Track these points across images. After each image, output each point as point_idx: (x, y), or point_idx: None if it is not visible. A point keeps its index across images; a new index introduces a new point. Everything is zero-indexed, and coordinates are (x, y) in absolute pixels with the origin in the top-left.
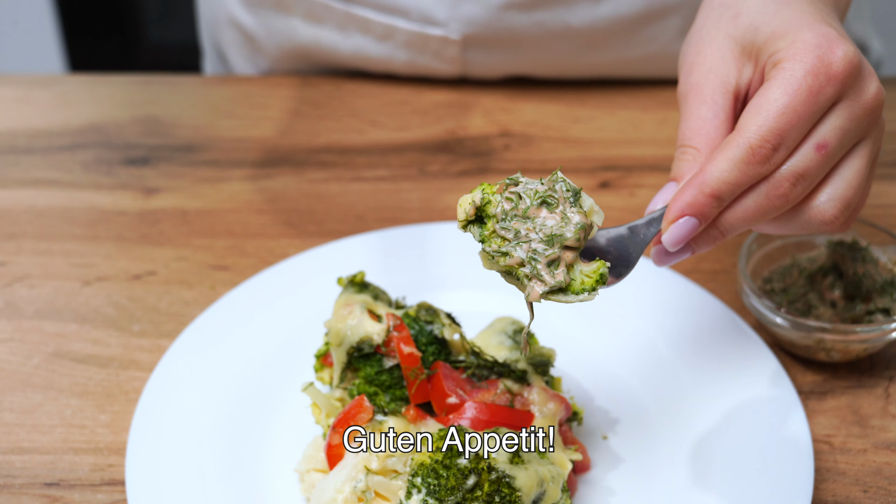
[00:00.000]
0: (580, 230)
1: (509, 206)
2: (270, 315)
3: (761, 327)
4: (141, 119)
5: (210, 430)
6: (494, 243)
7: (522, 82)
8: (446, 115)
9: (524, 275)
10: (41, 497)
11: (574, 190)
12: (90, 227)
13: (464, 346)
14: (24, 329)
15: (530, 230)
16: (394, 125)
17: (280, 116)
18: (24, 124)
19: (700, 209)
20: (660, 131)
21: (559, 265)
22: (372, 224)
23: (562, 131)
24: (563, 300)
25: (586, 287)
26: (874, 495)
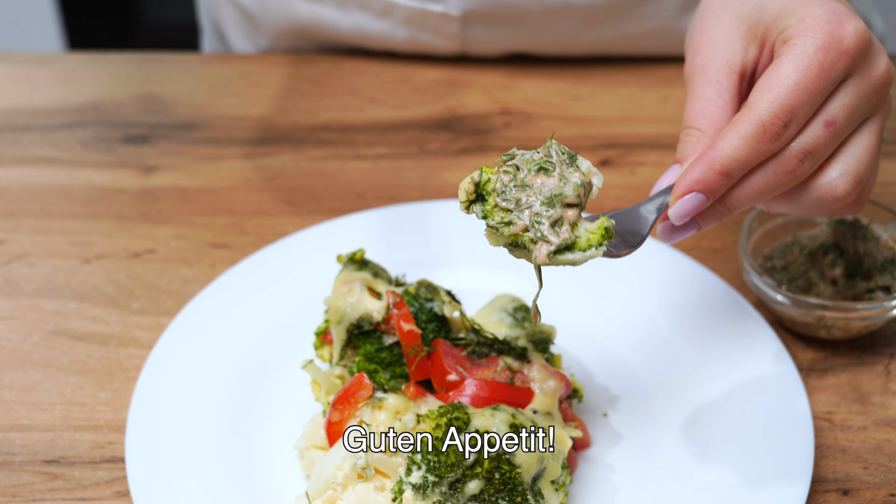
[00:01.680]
0: (579, 187)
1: (508, 178)
2: (270, 293)
3: (762, 305)
4: (140, 97)
5: (210, 408)
6: (498, 216)
7: (522, 60)
8: (446, 92)
9: (529, 240)
10: (41, 474)
11: (570, 153)
12: (89, 205)
13: (464, 323)
14: (24, 307)
15: (531, 196)
16: (393, 103)
17: (279, 94)
18: (24, 102)
19: (709, 185)
20: (661, 109)
21: (563, 224)
22: (372, 202)
23: (562, 109)
24: (570, 260)
25: (592, 243)
26: (874, 472)
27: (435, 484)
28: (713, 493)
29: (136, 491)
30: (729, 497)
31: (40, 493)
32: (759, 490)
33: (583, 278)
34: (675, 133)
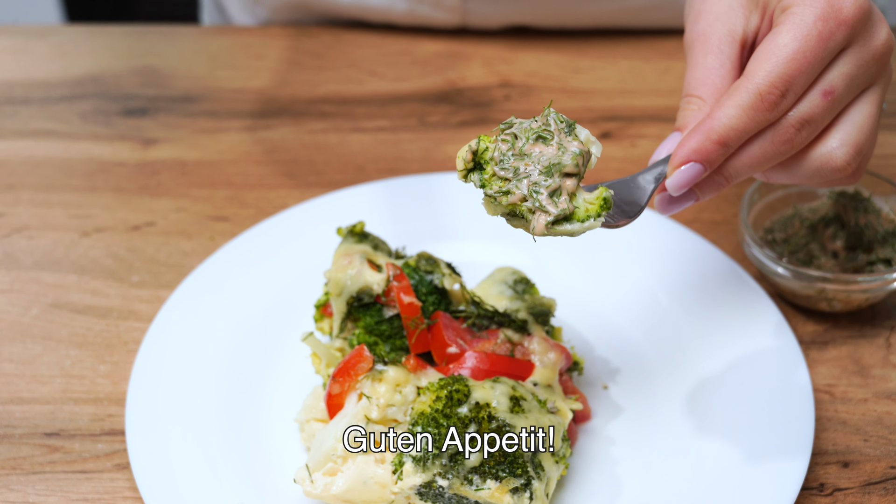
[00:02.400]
0: (578, 156)
1: (506, 147)
2: (270, 265)
3: (763, 277)
4: (139, 70)
5: (209, 381)
6: (496, 185)
7: (523, 32)
8: (446, 65)
9: (527, 209)
10: (41, 447)
11: (568, 122)
12: (88, 178)
13: (464, 295)
14: (23, 280)
15: (529, 165)
16: (393, 76)
17: (279, 67)
18: (22, 75)
19: (706, 155)
20: (661, 81)
21: (561, 194)
22: (372, 175)
23: (562, 81)
24: (568, 231)
25: (591, 213)
26: (874, 444)
27: (435, 456)
28: (713, 465)
29: (136, 463)
30: (729, 469)
31: (40, 465)
32: (759, 462)
33: (583, 251)
34: (675, 105)
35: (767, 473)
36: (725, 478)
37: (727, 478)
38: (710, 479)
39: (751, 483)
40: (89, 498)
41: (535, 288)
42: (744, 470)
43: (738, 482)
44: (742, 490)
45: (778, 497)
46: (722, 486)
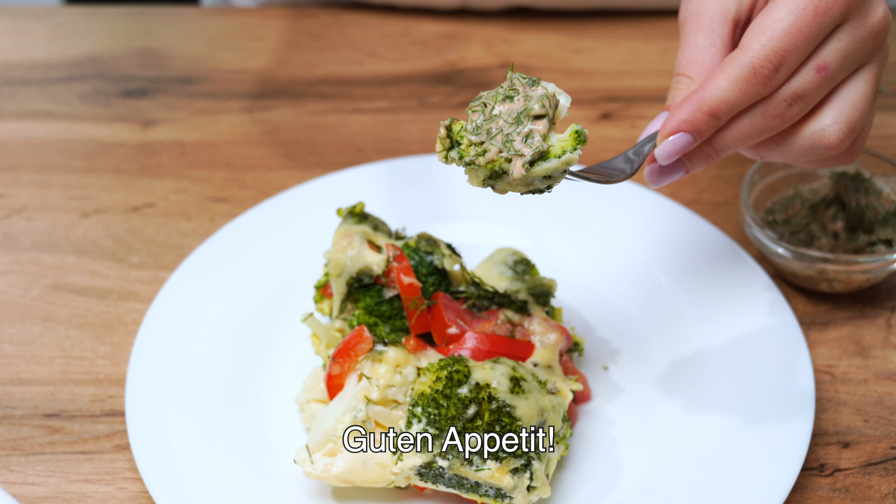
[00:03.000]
0: (543, 98)
1: (477, 116)
2: (269, 246)
3: (763, 258)
4: (138, 51)
5: (209, 362)
6: (473, 151)
7: (523, 13)
8: (446, 46)
9: (505, 160)
10: (41, 427)
11: (532, 79)
12: (88, 159)
13: (464, 276)
14: (23, 261)
15: (499, 122)
16: (393, 56)
17: (278, 48)
18: (21, 56)
19: (696, 126)
20: (662, 62)
21: (533, 136)
22: (371, 156)
23: (563, 62)
24: (547, 169)
25: (566, 148)
26: (875, 425)
27: (435, 437)
28: (714, 446)
29: (136, 444)
30: (729, 450)
31: (40, 446)
32: (759, 442)
33: (584, 232)
34: None
35: (768, 454)
36: (725, 458)
37: (727, 458)
38: (710, 459)
39: (751, 463)
40: (89, 479)
41: (535, 269)
42: (744, 450)
43: (738, 463)
44: (742, 470)
45: (778, 477)
46: (722, 466)
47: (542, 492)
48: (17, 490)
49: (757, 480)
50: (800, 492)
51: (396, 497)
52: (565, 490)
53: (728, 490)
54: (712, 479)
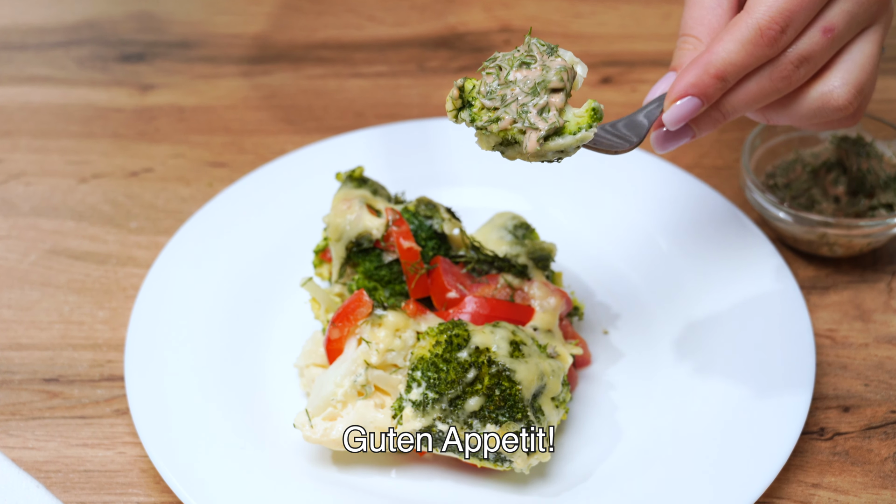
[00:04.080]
0: (561, 71)
1: (491, 79)
2: (268, 211)
3: (764, 223)
4: (135, 15)
5: (208, 327)
6: (485, 116)
7: None
8: (446, 10)
9: (518, 131)
10: (40, 392)
11: (550, 46)
12: (86, 123)
13: (464, 240)
14: (21, 226)
15: (515, 90)
16: (392, 20)
17: (276, 12)
18: (18, 20)
19: (704, 89)
20: (663, 26)
21: (549, 110)
22: (371, 120)
23: (563, 26)
24: (561, 145)
25: (582, 125)
26: (875, 389)
27: (435, 401)
28: (713, 410)
29: (135, 409)
30: (729, 414)
31: (39, 411)
32: (759, 407)
33: (584, 196)
34: None
35: (768, 418)
36: (726, 423)
37: (727, 423)
38: (710, 424)
39: (751, 427)
40: (89, 443)
41: (535, 233)
42: (744, 414)
43: (738, 427)
44: (742, 434)
45: (778, 441)
46: (722, 430)
47: (541, 456)
48: (16, 455)
49: (757, 444)
50: (800, 455)
51: (396, 461)
52: (565, 454)
53: (728, 454)
54: (712, 443)
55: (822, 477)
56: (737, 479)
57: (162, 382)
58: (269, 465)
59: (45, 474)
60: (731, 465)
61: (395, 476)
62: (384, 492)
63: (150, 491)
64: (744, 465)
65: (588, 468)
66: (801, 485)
